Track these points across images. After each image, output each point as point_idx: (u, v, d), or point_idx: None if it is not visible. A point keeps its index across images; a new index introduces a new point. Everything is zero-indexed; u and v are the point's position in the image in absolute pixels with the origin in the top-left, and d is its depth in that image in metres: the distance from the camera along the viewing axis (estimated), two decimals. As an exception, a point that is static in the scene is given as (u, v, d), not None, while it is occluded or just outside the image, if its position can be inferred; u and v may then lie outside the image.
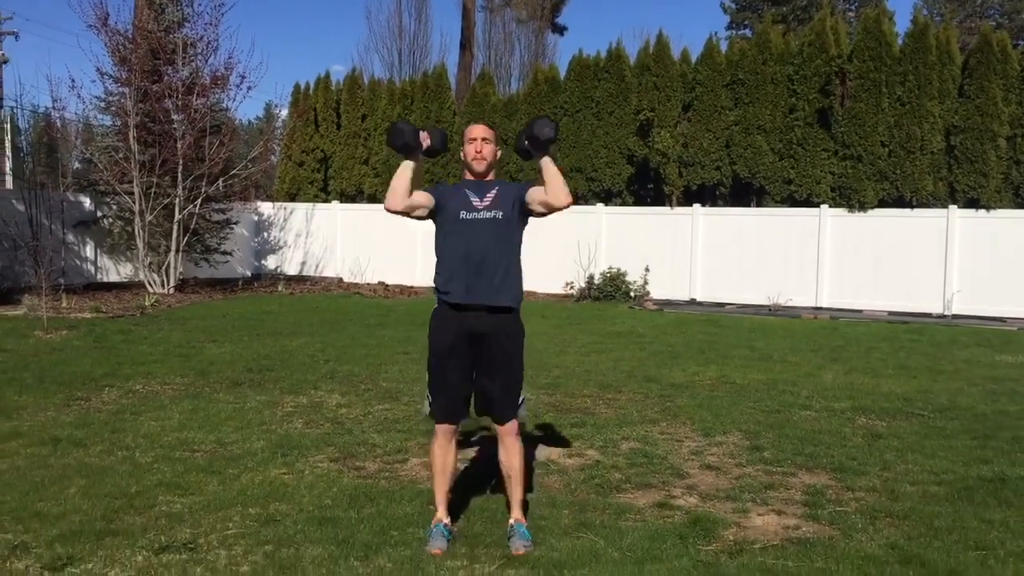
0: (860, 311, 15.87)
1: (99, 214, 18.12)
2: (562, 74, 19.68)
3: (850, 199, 16.49)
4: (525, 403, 4.50)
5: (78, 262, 18.04)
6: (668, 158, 17.90)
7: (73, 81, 30.27)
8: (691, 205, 17.76)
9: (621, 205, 18.77)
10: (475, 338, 4.30)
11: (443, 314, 4.38)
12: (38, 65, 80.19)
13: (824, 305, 16.35)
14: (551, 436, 6.40)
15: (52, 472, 5.29)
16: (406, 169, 4.31)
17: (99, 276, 18.36)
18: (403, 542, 4.27)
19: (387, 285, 19.75)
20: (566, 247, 18.03)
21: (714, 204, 18.19)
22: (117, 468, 5.40)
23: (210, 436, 6.25)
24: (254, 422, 6.71)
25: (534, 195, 4.35)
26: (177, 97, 16.98)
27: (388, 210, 4.35)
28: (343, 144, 21.87)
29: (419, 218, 4.41)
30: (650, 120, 18.10)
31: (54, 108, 17.99)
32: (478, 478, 5.28)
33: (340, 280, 20.74)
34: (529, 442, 6.14)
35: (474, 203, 4.33)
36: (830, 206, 16.61)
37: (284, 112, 23.56)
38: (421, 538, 4.28)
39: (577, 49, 26.73)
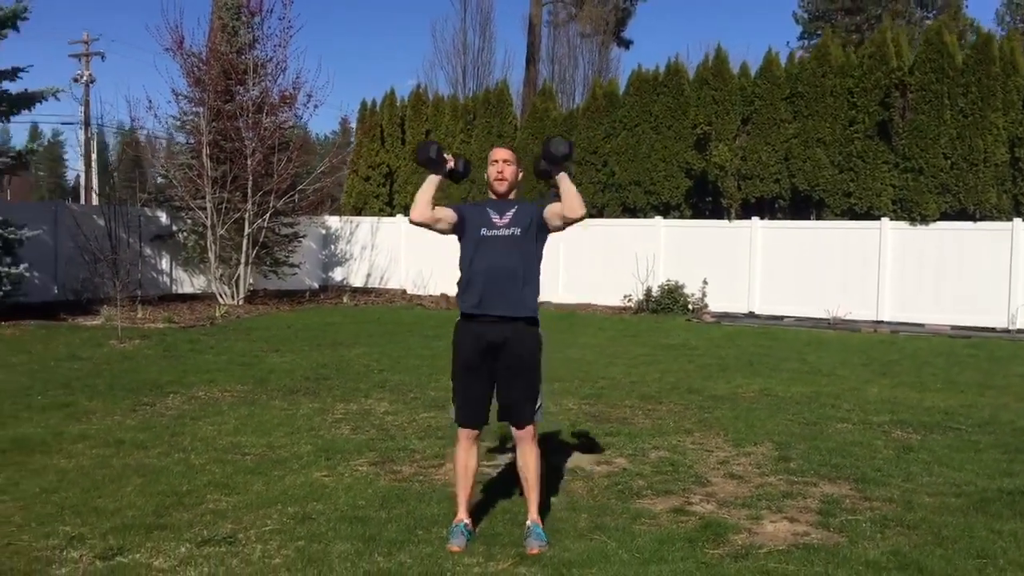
0: (922, 325, 15.67)
1: (174, 228, 18.92)
2: (622, 89, 19.89)
3: (911, 212, 16.31)
4: (542, 409, 4.75)
5: (154, 274, 18.85)
6: (726, 171, 17.94)
7: (151, 102, 31.62)
8: (749, 218, 17.77)
9: (679, 218, 18.84)
10: (493, 349, 4.59)
11: (464, 327, 4.69)
12: (117, 85, 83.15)
13: (885, 319, 16.17)
14: (584, 444, 6.62)
15: (113, 471, 5.71)
16: (429, 183, 4.71)
17: (174, 288, 19.17)
18: (427, 540, 4.55)
19: (448, 297, 20.10)
20: (624, 260, 18.18)
21: (773, 217, 18.16)
22: (172, 468, 5.81)
23: (261, 440, 6.63)
24: (304, 428, 7.08)
25: (551, 210, 4.66)
26: (248, 116, 17.67)
27: (412, 221, 4.72)
28: (408, 159, 22.34)
29: (441, 231, 4.76)
30: (708, 134, 18.18)
31: (136, 127, 18.91)
32: (504, 483, 5.53)
33: (404, 292, 21.20)
34: (560, 449, 6.39)
35: (494, 220, 4.67)
36: (891, 219, 16.44)
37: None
38: (444, 537, 4.55)
39: (642, 63, 26.80)
